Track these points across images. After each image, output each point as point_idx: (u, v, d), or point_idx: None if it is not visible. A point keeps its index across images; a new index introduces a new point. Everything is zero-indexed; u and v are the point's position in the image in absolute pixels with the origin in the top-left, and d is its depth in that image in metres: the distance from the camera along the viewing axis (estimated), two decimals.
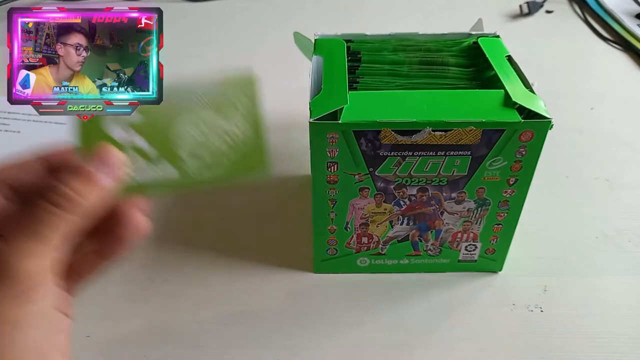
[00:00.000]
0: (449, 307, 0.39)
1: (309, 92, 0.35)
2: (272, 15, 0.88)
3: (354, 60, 0.39)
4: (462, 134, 0.32)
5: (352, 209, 0.37)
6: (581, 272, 0.42)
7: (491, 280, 0.41)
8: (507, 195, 0.36)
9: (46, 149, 0.26)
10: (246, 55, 0.76)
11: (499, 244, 0.39)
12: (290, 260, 0.43)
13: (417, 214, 0.37)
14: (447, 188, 0.35)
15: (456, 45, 0.41)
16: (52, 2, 0.89)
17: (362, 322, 0.38)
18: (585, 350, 0.36)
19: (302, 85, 0.42)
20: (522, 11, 0.85)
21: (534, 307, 0.39)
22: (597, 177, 0.51)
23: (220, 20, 0.87)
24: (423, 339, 0.37)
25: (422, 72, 0.38)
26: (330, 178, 0.35)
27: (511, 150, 0.33)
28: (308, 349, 0.36)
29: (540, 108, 0.32)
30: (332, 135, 0.33)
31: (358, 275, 0.41)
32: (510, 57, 0.38)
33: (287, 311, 0.39)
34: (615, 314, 0.38)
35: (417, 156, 0.34)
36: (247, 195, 0.49)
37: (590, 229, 0.46)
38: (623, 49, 0.75)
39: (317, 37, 0.41)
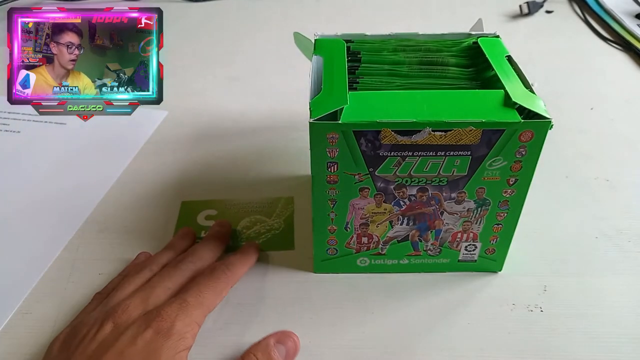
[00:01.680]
0: (449, 307, 0.39)
1: (309, 92, 0.35)
2: (272, 15, 0.88)
3: (354, 60, 0.39)
4: (462, 134, 0.32)
5: (352, 209, 0.37)
6: (581, 272, 0.42)
7: (491, 280, 0.41)
8: (507, 195, 0.36)
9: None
10: (246, 55, 0.76)
11: (499, 244, 0.39)
12: (290, 260, 0.43)
13: (417, 214, 0.37)
14: (447, 188, 0.35)
15: (456, 46, 0.41)
16: (52, 2, 0.89)
17: (362, 322, 0.38)
18: (585, 350, 0.36)
19: (302, 85, 0.42)
20: (522, 11, 0.85)
21: (534, 307, 0.39)
22: (597, 177, 0.51)
23: (220, 20, 0.87)
24: (423, 339, 0.37)
25: (422, 72, 0.38)
26: (330, 178, 0.35)
27: (511, 150, 0.33)
28: (308, 349, 0.36)
29: (540, 108, 0.32)
30: (332, 135, 0.33)
31: (358, 275, 0.41)
32: (510, 57, 0.38)
33: (287, 311, 0.39)
34: (615, 314, 0.38)
35: (417, 156, 0.34)
36: (246, 195, 0.49)
37: (590, 229, 0.46)
38: (623, 49, 0.75)
39: (317, 37, 0.41)
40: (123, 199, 0.49)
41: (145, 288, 0.35)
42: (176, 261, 0.39)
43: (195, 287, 0.35)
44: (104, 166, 0.53)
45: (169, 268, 0.38)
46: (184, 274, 0.37)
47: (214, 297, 0.35)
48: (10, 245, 0.44)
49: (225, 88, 0.68)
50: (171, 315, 0.32)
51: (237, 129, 0.59)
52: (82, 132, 0.58)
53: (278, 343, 0.35)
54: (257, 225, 0.45)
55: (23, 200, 0.49)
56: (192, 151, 0.56)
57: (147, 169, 0.53)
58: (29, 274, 0.42)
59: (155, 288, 0.35)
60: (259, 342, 0.35)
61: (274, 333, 0.36)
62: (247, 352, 0.35)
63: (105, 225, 0.47)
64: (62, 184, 0.51)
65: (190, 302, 0.34)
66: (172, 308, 0.33)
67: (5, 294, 0.40)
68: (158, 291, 0.35)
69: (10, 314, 0.39)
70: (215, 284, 0.36)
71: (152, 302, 0.34)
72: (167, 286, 0.36)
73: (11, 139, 0.57)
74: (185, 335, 0.32)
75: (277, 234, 0.45)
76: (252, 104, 0.64)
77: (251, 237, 0.44)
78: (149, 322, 0.32)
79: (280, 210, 0.47)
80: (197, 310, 0.34)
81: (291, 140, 0.57)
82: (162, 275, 0.37)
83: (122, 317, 0.33)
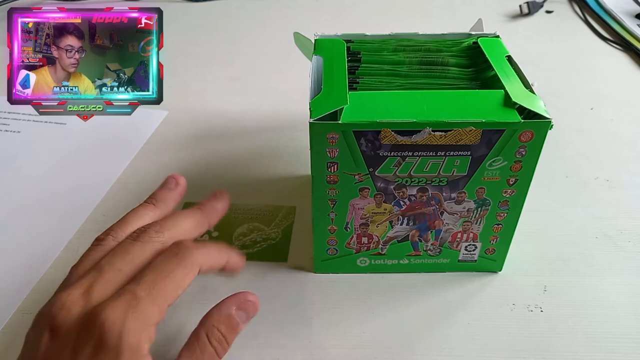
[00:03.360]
0: (449, 307, 0.39)
1: (309, 92, 0.35)
2: (272, 15, 0.88)
3: (354, 61, 0.39)
4: (462, 134, 0.32)
5: (352, 209, 0.37)
6: (581, 272, 0.42)
7: (491, 280, 0.41)
8: (507, 195, 0.36)
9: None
10: (246, 55, 0.76)
11: (499, 244, 0.39)
12: (290, 260, 0.43)
13: (417, 214, 0.37)
14: (447, 188, 0.35)
15: (456, 46, 0.41)
16: (52, 2, 0.89)
17: (362, 322, 0.38)
18: (585, 350, 0.36)
19: (302, 85, 0.42)
20: (522, 11, 0.85)
21: (534, 307, 0.39)
22: (597, 177, 0.51)
23: (220, 20, 0.87)
24: (423, 339, 0.37)
25: (422, 72, 0.38)
26: (330, 178, 0.35)
27: (511, 150, 0.33)
28: (308, 349, 0.36)
29: (540, 108, 0.32)
30: (332, 136, 0.33)
31: (358, 275, 0.41)
32: (510, 57, 0.38)
33: (287, 311, 0.39)
34: (615, 314, 0.38)
35: (417, 156, 0.34)
36: (246, 195, 0.49)
37: (590, 229, 0.46)
38: (623, 49, 0.75)
39: (317, 37, 0.41)
40: (123, 199, 0.49)
41: (91, 272, 0.28)
42: (139, 230, 0.30)
43: (151, 274, 0.27)
44: (104, 166, 0.53)
45: (127, 241, 0.29)
46: (144, 251, 0.29)
47: (173, 288, 0.27)
48: (10, 245, 0.44)
49: (225, 88, 0.68)
50: (117, 320, 0.25)
51: (237, 129, 0.59)
52: (82, 132, 0.58)
53: (239, 310, 0.30)
54: (254, 233, 0.45)
55: (23, 200, 0.49)
56: (192, 151, 0.56)
57: (147, 169, 0.53)
58: (29, 274, 0.42)
59: (104, 272, 0.27)
60: (219, 311, 0.30)
61: (232, 298, 0.31)
62: (208, 323, 0.29)
63: (105, 225, 0.46)
64: (62, 184, 0.51)
65: (141, 297, 0.26)
66: (118, 308, 0.25)
67: (5, 294, 0.40)
68: (107, 276, 0.27)
69: (10, 314, 0.39)
70: (177, 268, 0.28)
71: (96, 294, 0.26)
72: (118, 268, 0.28)
73: (11, 139, 0.57)
74: (139, 346, 0.25)
75: (273, 244, 0.44)
76: (252, 104, 0.64)
77: (246, 244, 0.44)
78: (89, 331, 0.25)
79: (280, 220, 0.46)
80: (152, 307, 0.26)
81: (291, 140, 0.57)
82: (116, 253, 0.29)
83: (59, 320, 0.25)
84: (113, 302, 0.25)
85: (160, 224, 0.30)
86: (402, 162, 0.34)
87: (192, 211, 0.33)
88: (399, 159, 0.34)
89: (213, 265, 0.31)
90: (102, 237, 0.31)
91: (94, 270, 0.28)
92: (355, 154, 0.33)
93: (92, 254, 0.30)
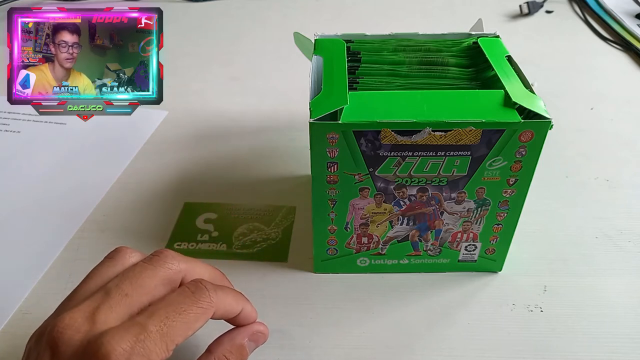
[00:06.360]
0: (449, 307, 0.39)
1: (309, 92, 0.35)
2: (272, 15, 0.88)
3: (354, 61, 0.39)
4: (462, 134, 0.32)
5: (352, 209, 0.37)
6: (581, 272, 0.42)
7: (491, 280, 0.41)
8: (507, 195, 0.36)
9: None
10: (246, 55, 0.76)
11: (499, 244, 0.39)
12: (290, 260, 0.43)
13: (417, 214, 0.37)
14: (447, 188, 0.35)
15: (456, 46, 0.41)
16: (52, 2, 0.89)
17: (362, 322, 0.38)
18: (585, 350, 0.36)
19: (302, 85, 0.42)
20: (522, 11, 0.85)
21: (534, 307, 0.39)
22: (597, 177, 0.51)
23: (220, 20, 0.87)
24: (423, 339, 0.37)
25: (422, 72, 0.38)
26: (330, 178, 0.35)
27: (511, 150, 0.33)
28: (308, 348, 0.36)
29: (540, 108, 0.32)
30: (332, 136, 0.33)
31: (358, 275, 0.41)
32: (510, 57, 0.38)
33: (287, 311, 0.39)
34: (615, 314, 0.38)
35: (417, 156, 0.34)
36: (246, 195, 0.49)
37: (590, 229, 0.46)
38: (623, 49, 0.75)
39: (317, 37, 0.41)
40: (123, 199, 0.49)
41: (98, 293, 0.27)
42: (155, 253, 0.29)
43: (164, 308, 0.26)
44: (104, 166, 0.53)
45: (140, 263, 0.28)
46: (155, 275, 0.28)
47: (184, 328, 0.26)
48: (10, 245, 0.44)
49: (225, 88, 0.68)
50: (123, 353, 0.24)
51: (237, 129, 0.59)
52: (82, 132, 0.58)
53: (249, 340, 0.31)
54: (254, 233, 0.45)
55: (23, 200, 0.49)
56: (192, 151, 0.56)
57: (147, 169, 0.53)
58: (29, 274, 0.42)
59: (111, 295, 0.26)
60: (231, 341, 0.30)
61: (245, 328, 0.32)
62: (219, 351, 0.30)
63: (105, 225, 0.47)
64: (62, 184, 0.51)
65: (150, 331, 0.25)
66: (125, 340, 0.24)
67: (5, 294, 0.40)
68: (114, 300, 0.26)
69: (10, 314, 0.39)
70: (191, 307, 0.27)
71: (101, 319, 0.25)
72: (125, 292, 0.26)
73: (11, 139, 0.57)
74: None
75: (273, 244, 0.44)
76: (252, 104, 0.64)
77: (246, 244, 0.44)
78: (92, 359, 0.24)
79: (280, 220, 0.46)
80: (160, 344, 0.25)
81: (291, 140, 0.57)
82: (125, 275, 0.27)
83: (62, 341, 0.24)
84: (121, 333, 0.24)
85: (179, 256, 0.30)
86: (402, 162, 0.34)
87: (210, 267, 0.32)
88: (399, 159, 0.34)
89: (228, 311, 0.30)
90: (113, 255, 0.30)
91: (101, 292, 0.27)
92: (355, 154, 0.33)
93: (102, 270, 0.29)
